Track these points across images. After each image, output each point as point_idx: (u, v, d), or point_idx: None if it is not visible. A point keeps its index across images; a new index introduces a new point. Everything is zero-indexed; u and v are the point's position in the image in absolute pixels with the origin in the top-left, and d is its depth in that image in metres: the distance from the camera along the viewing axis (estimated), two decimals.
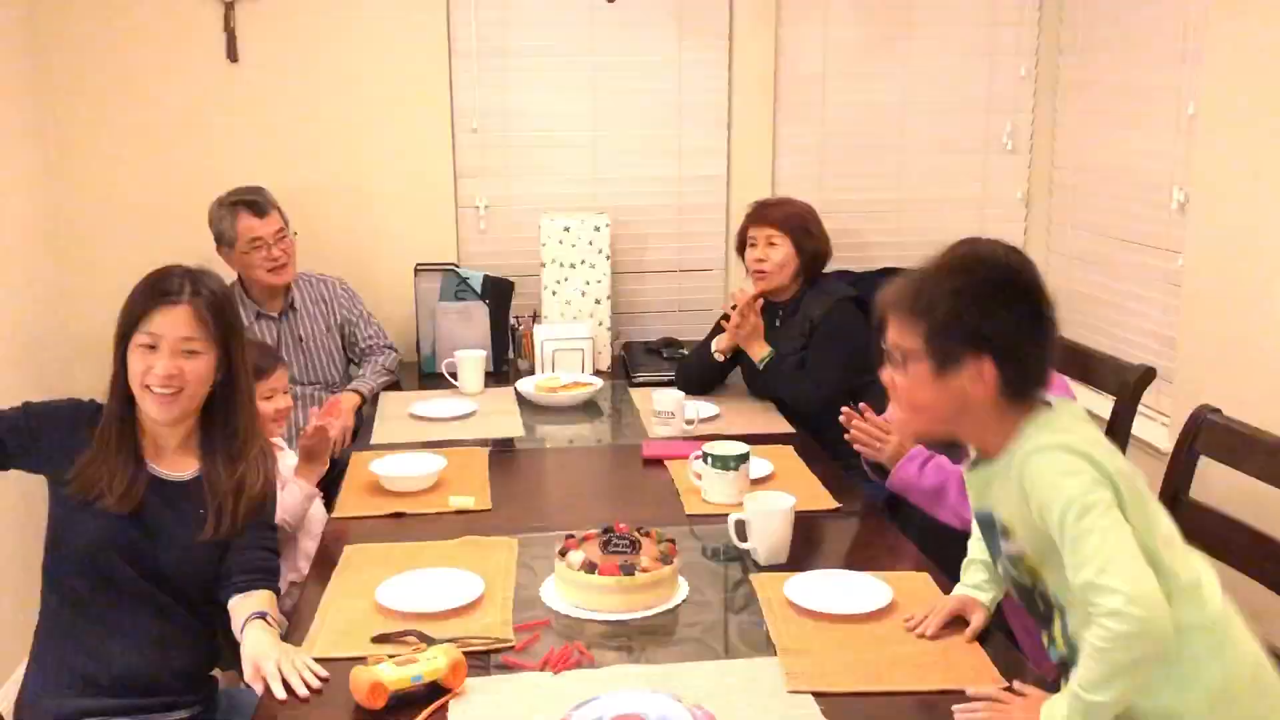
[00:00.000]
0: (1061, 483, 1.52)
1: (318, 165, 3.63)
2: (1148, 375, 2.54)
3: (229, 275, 3.30)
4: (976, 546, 1.89)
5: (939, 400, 1.64)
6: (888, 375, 1.70)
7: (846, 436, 2.37)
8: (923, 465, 2.26)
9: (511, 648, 1.76)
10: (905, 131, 3.87)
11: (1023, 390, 1.62)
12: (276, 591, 2.01)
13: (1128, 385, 2.50)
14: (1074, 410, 1.65)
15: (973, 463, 1.72)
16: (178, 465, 2.00)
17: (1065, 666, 1.60)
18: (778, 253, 3.04)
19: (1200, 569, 1.62)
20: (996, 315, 1.59)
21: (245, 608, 1.89)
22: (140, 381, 1.91)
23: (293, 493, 2.38)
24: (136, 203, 3.57)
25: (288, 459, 2.51)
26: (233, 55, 3.53)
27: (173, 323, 1.92)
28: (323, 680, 1.67)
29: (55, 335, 3.50)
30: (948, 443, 1.75)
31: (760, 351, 2.99)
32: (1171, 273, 3.10)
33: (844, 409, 2.36)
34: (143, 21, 3.48)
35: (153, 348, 1.91)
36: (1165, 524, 1.62)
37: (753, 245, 3.09)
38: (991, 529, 1.70)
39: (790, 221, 3.04)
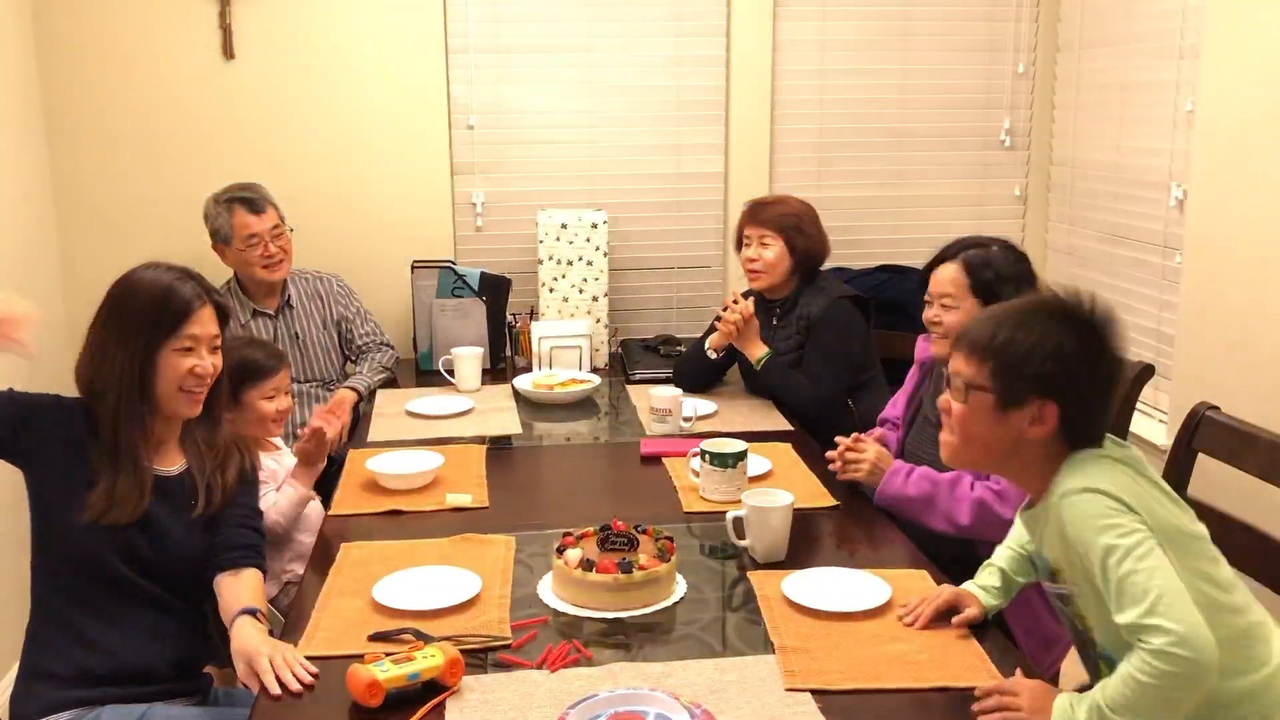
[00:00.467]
0: (1098, 526, 1.50)
1: (314, 161, 3.62)
2: (1146, 372, 2.54)
3: (225, 272, 3.30)
4: (1003, 553, 1.88)
5: (993, 436, 1.64)
6: (945, 400, 1.70)
7: (830, 467, 2.38)
8: (908, 476, 2.27)
9: (508, 646, 1.76)
10: (903, 128, 3.87)
11: (1080, 437, 1.61)
12: (263, 571, 2.02)
13: (1126, 382, 2.50)
14: (1118, 454, 1.61)
15: (1026, 504, 1.72)
16: (169, 460, 2.03)
17: None
18: (770, 252, 3.04)
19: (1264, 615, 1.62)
20: (1070, 366, 1.58)
21: (235, 594, 1.92)
22: (178, 384, 1.95)
23: (287, 494, 2.37)
24: (134, 199, 3.56)
25: (285, 459, 2.50)
26: (229, 52, 3.52)
27: (204, 323, 1.99)
28: (314, 675, 1.68)
29: (55, 332, 3.49)
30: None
31: (757, 352, 2.98)
32: (1170, 270, 3.09)
33: (830, 455, 2.38)
34: (139, 18, 3.47)
35: (190, 349, 1.96)
36: (1224, 569, 1.60)
37: (747, 244, 3.08)
38: (1039, 568, 1.70)
39: (783, 221, 3.03)
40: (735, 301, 2.99)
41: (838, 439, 2.38)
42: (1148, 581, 1.44)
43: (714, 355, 3.12)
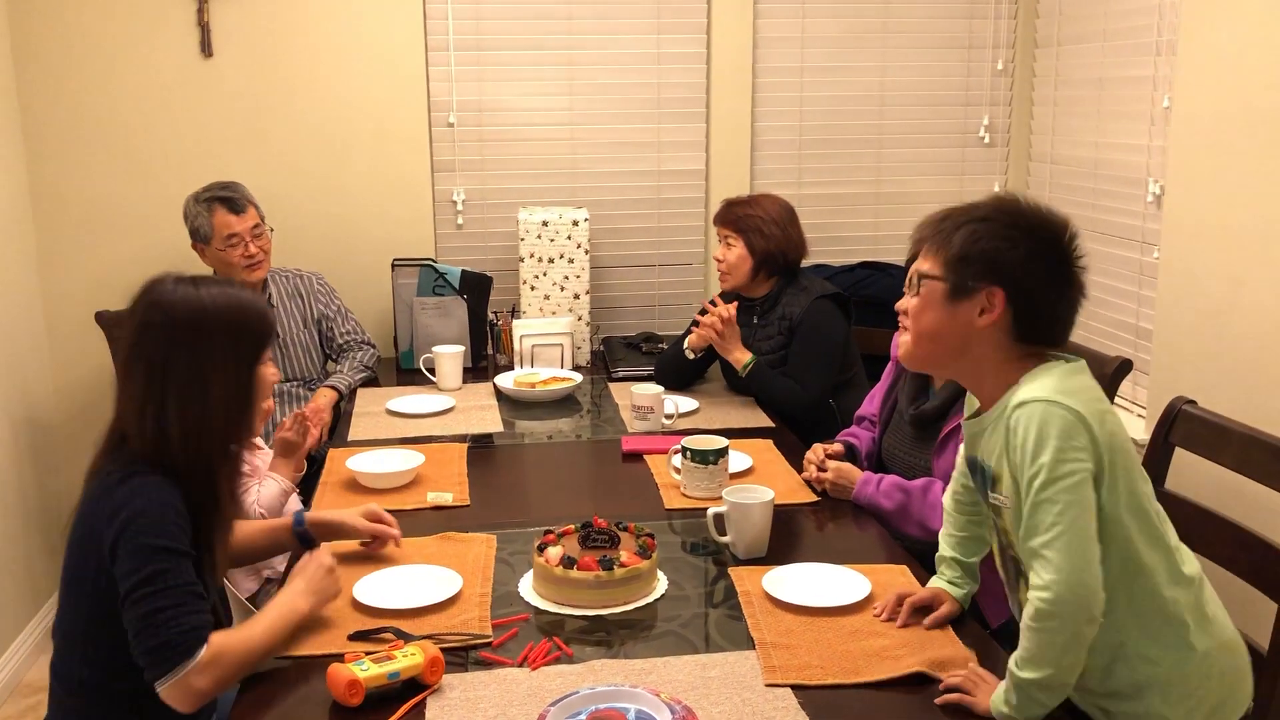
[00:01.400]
0: (1041, 441, 1.52)
1: (294, 159, 3.61)
2: (1124, 367, 2.55)
3: (204, 272, 3.28)
4: (946, 541, 1.90)
5: (945, 327, 1.65)
6: (903, 303, 1.73)
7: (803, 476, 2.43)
8: (878, 486, 2.29)
9: (489, 643, 1.76)
10: (883, 125, 3.88)
11: (1031, 336, 1.62)
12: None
13: (1104, 377, 2.51)
14: (1082, 368, 1.63)
15: (972, 413, 1.73)
16: None
17: None
18: (732, 253, 3.05)
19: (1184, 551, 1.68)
20: (1017, 252, 1.60)
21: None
22: (264, 402, 1.82)
23: (270, 487, 2.37)
24: (112, 198, 3.54)
25: (266, 456, 2.50)
26: (207, 50, 3.50)
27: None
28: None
29: (34, 333, 3.47)
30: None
31: (743, 358, 2.97)
32: (1148, 265, 3.11)
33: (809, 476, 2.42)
34: (117, 17, 3.45)
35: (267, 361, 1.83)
36: (1156, 505, 1.65)
37: (719, 243, 3.10)
38: (981, 475, 1.71)
39: (744, 222, 3.03)
40: (714, 303, 3.00)
41: (806, 456, 2.45)
42: (1059, 515, 1.49)
43: (692, 355, 3.12)
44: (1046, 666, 1.50)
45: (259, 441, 2.55)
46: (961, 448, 1.79)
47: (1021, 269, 1.60)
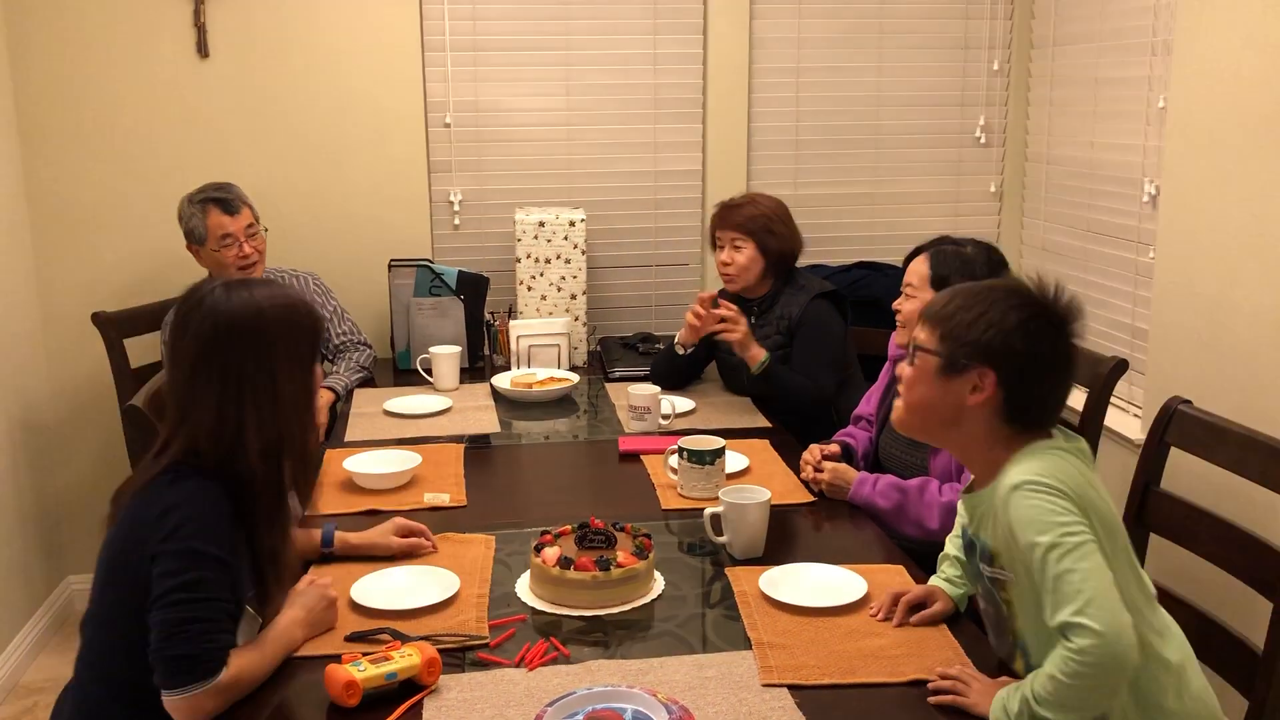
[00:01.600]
0: (1044, 523, 1.52)
1: (290, 160, 3.61)
2: (1120, 367, 2.55)
3: (200, 272, 3.28)
4: (954, 544, 1.90)
5: (936, 400, 1.66)
6: (901, 367, 1.74)
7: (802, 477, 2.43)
8: (874, 486, 2.30)
9: (486, 644, 1.76)
10: (879, 126, 3.89)
11: (1021, 418, 1.63)
12: None
13: (1100, 377, 2.52)
14: (1068, 445, 1.64)
15: (967, 487, 1.74)
16: None
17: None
18: (742, 255, 3.04)
19: (1169, 621, 1.69)
20: (1014, 336, 1.61)
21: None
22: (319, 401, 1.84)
23: None
24: (108, 199, 3.54)
25: None
26: (203, 51, 3.50)
27: None
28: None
29: (29, 334, 3.47)
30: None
31: (759, 355, 2.94)
32: (1143, 265, 3.12)
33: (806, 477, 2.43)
34: (113, 17, 3.45)
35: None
36: (1143, 575, 1.66)
37: (720, 247, 3.09)
38: (973, 552, 1.71)
39: (754, 224, 3.03)
40: (715, 303, 2.98)
41: (803, 457, 2.45)
42: (1082, 582, 1.48)
43: (682, 351, 3.12)
44: (1072, 713, 1.48)
45: None
46: (958, 520, 1.78)
47: (1016, 354, 1.61)
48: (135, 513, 1.66)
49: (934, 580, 1.89)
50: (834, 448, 2.48)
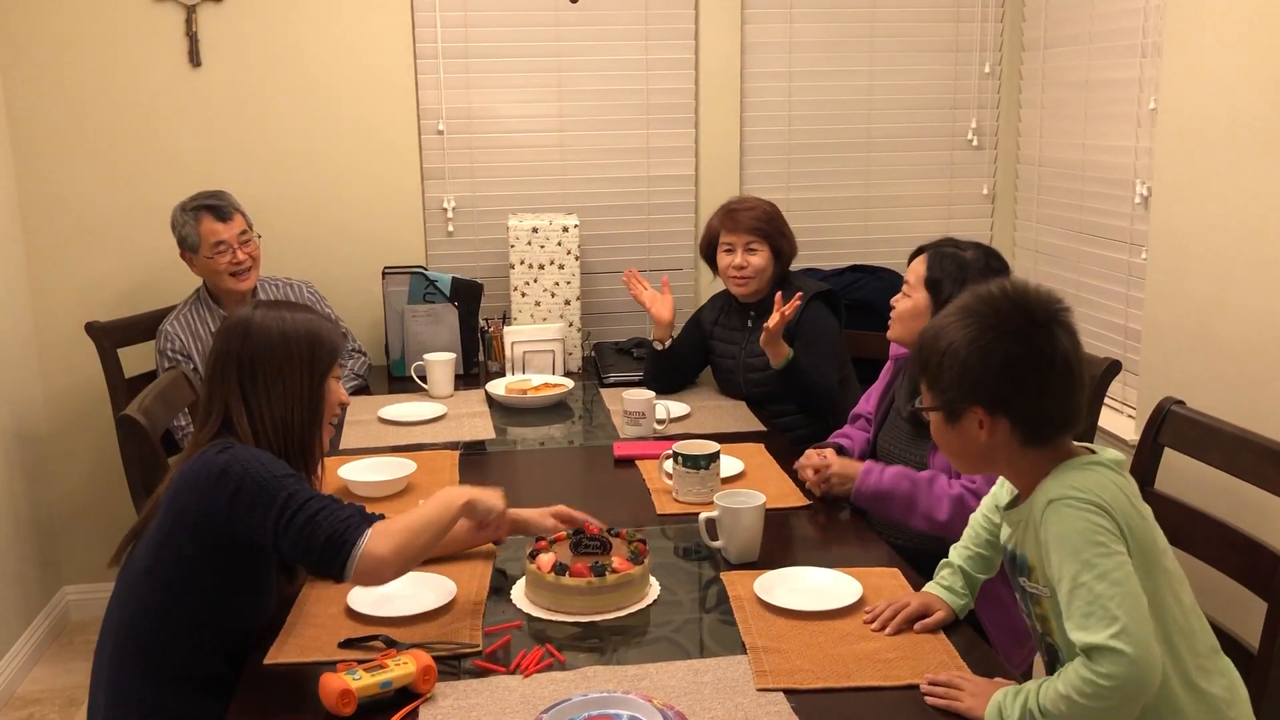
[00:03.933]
0: (1080, 541, 1.50)
1: (283, 168, 3.61)
2: (1113, 368, 2.56)
3: (194, 281, 3.28)
4: (958, 553, 1.90)
5: (960, 447, 1.67)
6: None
7: (808, 484, 2.41)
8: (882, 474, 2.28)
9: (480, 651, 1.76)
10: (871, 129, 3.89)
11: (1040, 436, 1.61)
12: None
13: (1093, 378, 2.52)
14: (1103, 458, 1.61)
15: (1010, 503, 1.72)
16: None
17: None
18: (758, 258, 3.04)
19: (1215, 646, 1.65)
20: (989, 362, 1.58)
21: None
22: (333, 412, 1.94)
23: None
24: (100, 208, 3.53)
25: None
26: (195, 60, 3.50)
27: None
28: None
29: (23, 343, 3.46)
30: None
31: (785, 352, 2.90)
32: (1135, 266, 3.13)
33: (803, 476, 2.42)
34: (104, 26, 3.45)
35: (336, 377, 1.95)
36: (1184, 587, 1.62)
37: (729, 251, 3.07)
38: (1014, 565, 1.70)
39: (769, 225, 3.03)
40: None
41: (800, 461, 2.44)
42: (1117, 608, 1.45)
43: (659, 346, 3.15)
44: None
45: None
46: (1003, 531, 1.76)
47: (995, 382, 1.58)
48: (186, 476, 1.78)
49: (930, 587, 1.88)
50: (829, 451, 2.48)
